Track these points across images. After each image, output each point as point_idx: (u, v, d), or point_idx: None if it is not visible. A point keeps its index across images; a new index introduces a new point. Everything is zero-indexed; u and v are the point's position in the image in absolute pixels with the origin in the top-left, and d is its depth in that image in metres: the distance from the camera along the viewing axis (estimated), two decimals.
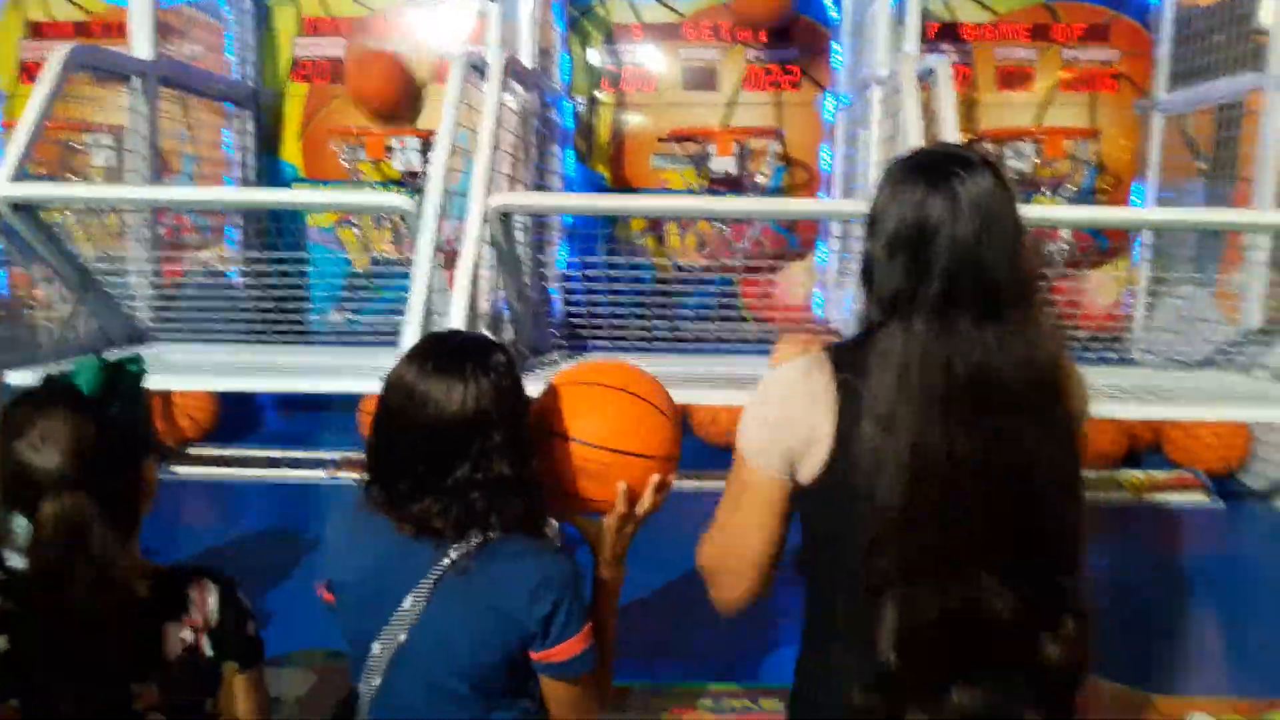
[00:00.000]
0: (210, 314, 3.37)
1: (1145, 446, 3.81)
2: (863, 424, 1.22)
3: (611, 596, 1.66)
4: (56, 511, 1.37)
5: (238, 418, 3.72)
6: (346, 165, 4.36)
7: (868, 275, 1.29)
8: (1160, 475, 3.60)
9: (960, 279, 1.20)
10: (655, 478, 1.62)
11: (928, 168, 1.26)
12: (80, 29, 4.53)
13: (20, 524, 1.40)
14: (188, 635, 1.45)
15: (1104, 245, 4.35)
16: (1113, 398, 2.95)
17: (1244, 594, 2.82)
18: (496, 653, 1.49)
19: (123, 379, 1.48)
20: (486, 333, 2.99)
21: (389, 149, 4.33)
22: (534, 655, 1.49)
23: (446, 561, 1.49)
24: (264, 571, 2.60)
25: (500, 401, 1.50)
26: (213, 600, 1.49)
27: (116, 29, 4.34)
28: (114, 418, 1.44)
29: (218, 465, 3.36)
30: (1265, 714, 2.03)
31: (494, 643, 1.48)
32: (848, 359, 1.29)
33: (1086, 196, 4.31)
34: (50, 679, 1.39)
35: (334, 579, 1.55)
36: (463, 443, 1.48)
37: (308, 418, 3.83)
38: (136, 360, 1.50)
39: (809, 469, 1.29)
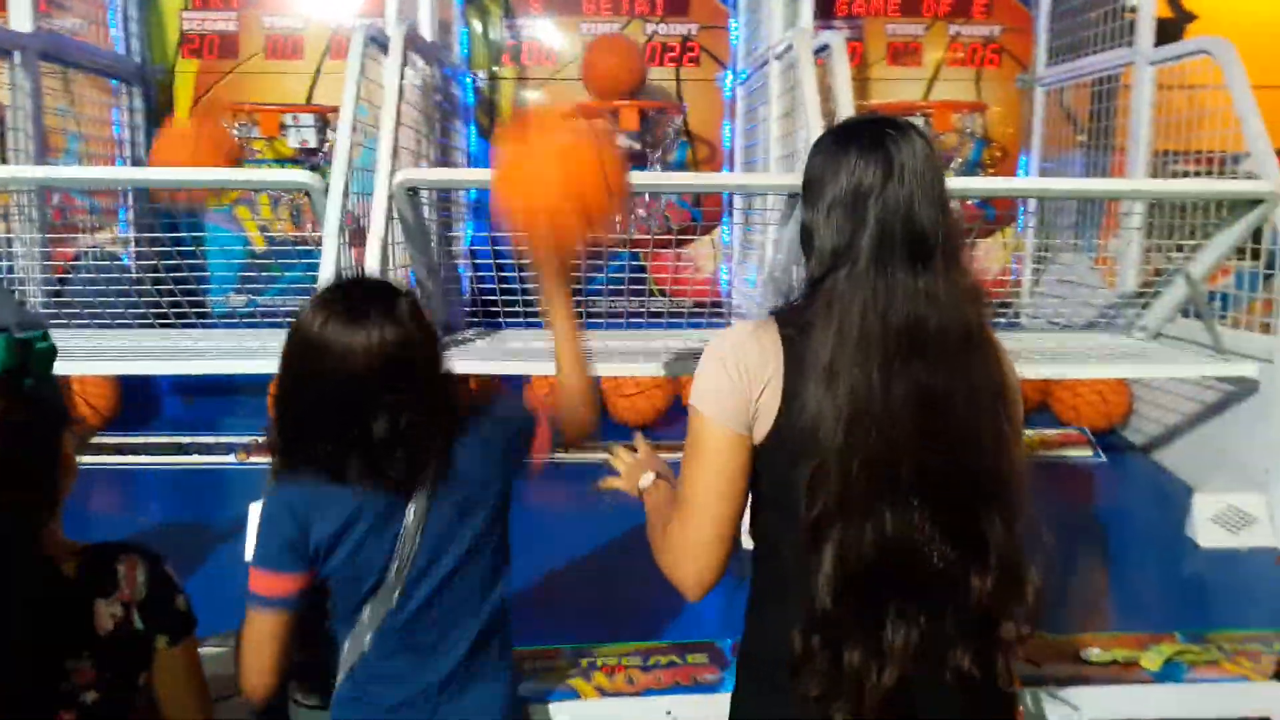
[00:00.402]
0: (106, 299, 3.26)
1: (1034, 407, 4.00)
2: (806, 372, 1.29)
3: (567, 317, 1.79)
4: None
5: (138, 406, 3.62)
6: (239, 142, 4.23)
7: (807, 240, 1.37)
8: (1049, 433, 3.79)
9: (894, 232, 1.28)
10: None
11: (861, 134, 1.35)
12: None
13: None
14: (118, 611, 1.45)
15: (990, 215, 4.54)
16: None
17: (1126, 539, 3.00)
18: (495, 503, 1.67)
19: (33, 354, 1.45)
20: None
21: (283, 126, 4.21)
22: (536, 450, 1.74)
23: (427, 471, 1.58)
24: (176, 558, 2.56)
25: (409, 347, 1.54)
26: (141, 575, 1.49)
27: None
28: (28, 392, 1.43)
29: (122, 454, 3.26)
30: (1149, 645, 2.17)
31: (494, 496, 1.65)
32: (792, 318, 1.36)
33: (974, 168, 4.48)
34: None
35: (320, 541, 1.56)
36: (374, 393, 1.51)
37: (210, 403, 3.75)
38: (45, 336, 1.48)
39: (762, 428, 1.36)
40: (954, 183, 3.94)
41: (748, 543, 1.48)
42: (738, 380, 1.36)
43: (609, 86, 4.31)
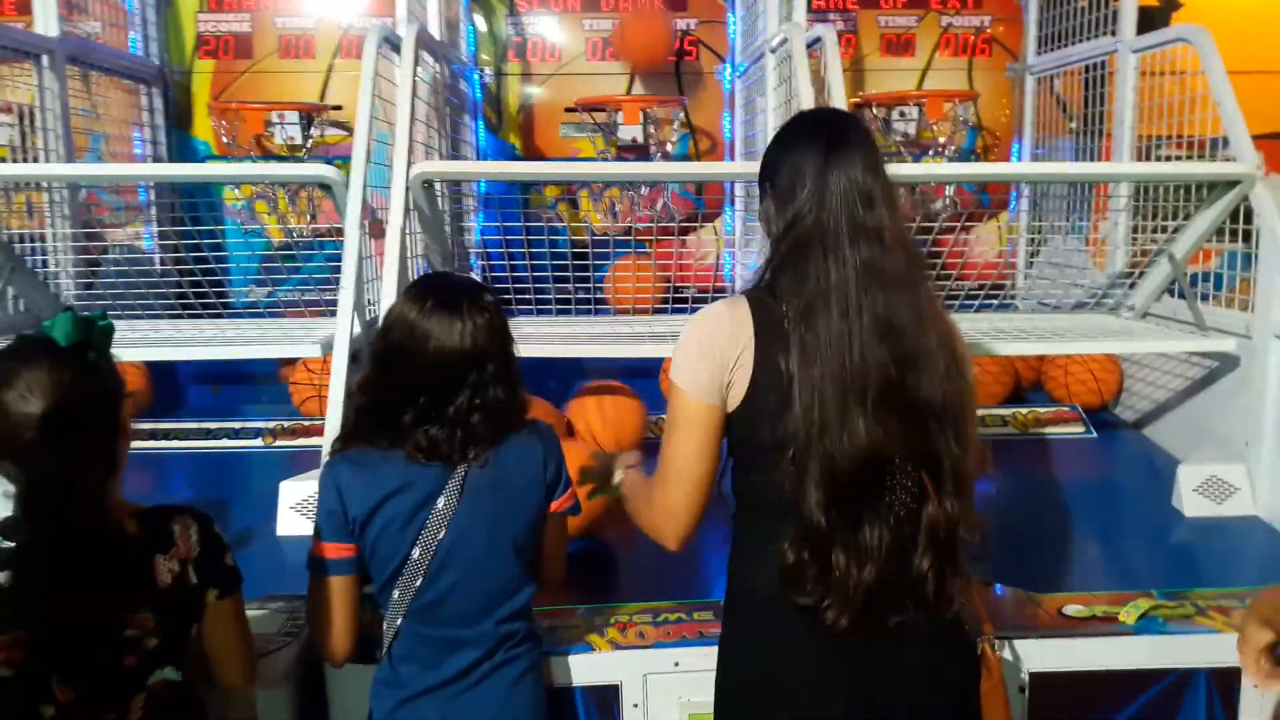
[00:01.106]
0: (134, 291, 3.40)
1: (1028, 386, 4.13)
2: (778, 323, 1.46)
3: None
4: (46, 457, 1.49)
5: (164, 394, 3.76)
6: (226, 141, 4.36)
7: (766, 221, 1.57)
8: (1042, 411, 3.91)
9: (840, 191, 1.48)
10: None
11: (806, 121, 1.60)
12: None
13: (7, 468, 1.52)
14: (176, 566, 1.60)
15: (985, 200, 4.67)
16: (996, 337, 3.25)
17: (1115, 510, 3.15)
18: (533, 513, 1.78)
19: (95, 331, 1.59)
20: None
21: (268, 124, 4.25)
22: (553, 506, 1.82)
23: (467, 460, 1.72)
24: None
25: (493, 335, 1.72)
26: (194, 534, 1.64)
27: (11, 6, 4.32)
28: (91, 365, 1.57)
29: (154, 439, 3.40)
30: (1128, 601, 2.30)
31: (531, 505, 1.77)
32: (760, 286, 1.57)
33: (967, 155, 4.61)
34: (52, 612, 1.51)
35: (357, 515, 1.72)
36: (462, 374, 1.70)
37: (235, 390, 3.89)
38: (104, 315, 1.62)
39: (737, 392, 1.52)
40: (949, 168, 4.11)
41: None
42: (710, 357, 1.53)
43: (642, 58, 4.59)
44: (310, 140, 4.25)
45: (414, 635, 1.76)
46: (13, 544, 1.52)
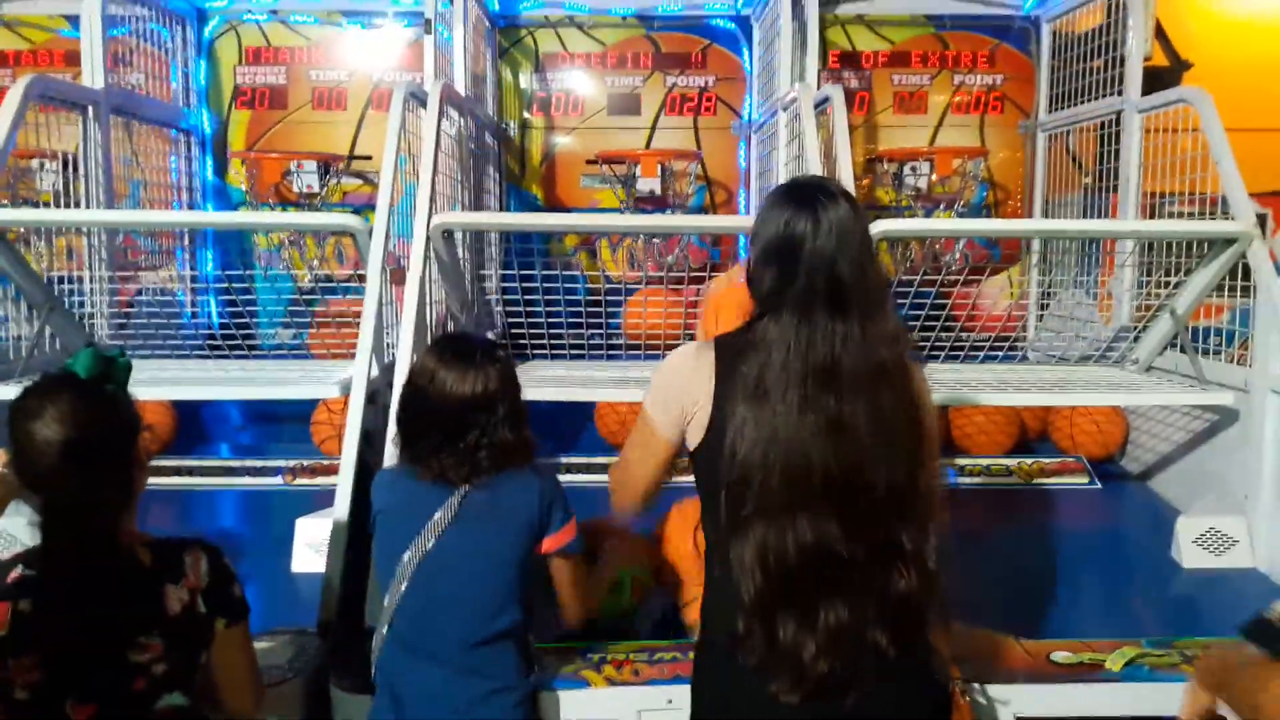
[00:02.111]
0: (164, 332, 3.54)
1: (1035, 437, 4.16)
2: (736, 393, 1.55)
3: None
4: (64, 482, 1.59)
5: (191, 433, 3.87)
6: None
7: (749, 279, 1.63)
8: (1048, 462, 3.94)
9: (817, 282, 1.52)
10: None
11: (796, 193, 1.60)
12: (17, 59, 4.68)
13: (33, 499, 1.62)
14: (185, 595, 1.67)
15: (996, 254, 4.74)
16: (1002, 388, 3.32)
17: (1113, 561, 3.17)
18: (517, 548, 1.92)
19: (114, 367, 1.70)
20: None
21: (286, 173, 4.48)
22: (546, 544, 1.95)
23: (468, 485, 1.91)
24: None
25: (502, 384, 1.93)
26: (204, 565, 1.71)
27: (60, 58, 4.53)
28: (109, 397, 1.67)
29: (179, 475, 3.52)
30: (1117, 649, 2.35)
31: (514, 539, 1.92)
32: (730, 343, 1.62)
33: (978, 210, 4.70)
34: (67, 636, 1.60)
35: (377, 509, 1.97)
36: (472, 416, 1.90)
37: (258, 430, 4.00)
38: (122, 352, 1.74)
39: (695, 437, 1.62)
40: (954, 223, 4.19)
41: None
42: (674, 398, 1.65)
43: None
44: (325, 188, 4.41)
45: (394, 643, 1.91)
46: (34, 572, 1.63)
